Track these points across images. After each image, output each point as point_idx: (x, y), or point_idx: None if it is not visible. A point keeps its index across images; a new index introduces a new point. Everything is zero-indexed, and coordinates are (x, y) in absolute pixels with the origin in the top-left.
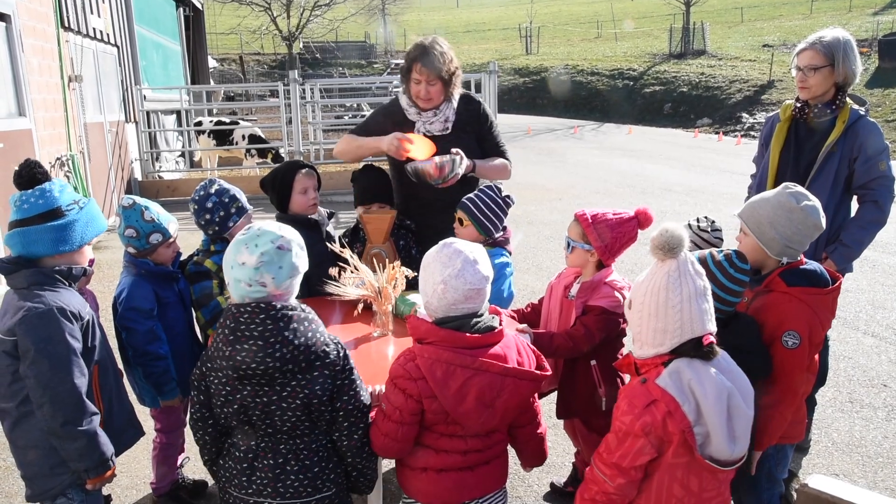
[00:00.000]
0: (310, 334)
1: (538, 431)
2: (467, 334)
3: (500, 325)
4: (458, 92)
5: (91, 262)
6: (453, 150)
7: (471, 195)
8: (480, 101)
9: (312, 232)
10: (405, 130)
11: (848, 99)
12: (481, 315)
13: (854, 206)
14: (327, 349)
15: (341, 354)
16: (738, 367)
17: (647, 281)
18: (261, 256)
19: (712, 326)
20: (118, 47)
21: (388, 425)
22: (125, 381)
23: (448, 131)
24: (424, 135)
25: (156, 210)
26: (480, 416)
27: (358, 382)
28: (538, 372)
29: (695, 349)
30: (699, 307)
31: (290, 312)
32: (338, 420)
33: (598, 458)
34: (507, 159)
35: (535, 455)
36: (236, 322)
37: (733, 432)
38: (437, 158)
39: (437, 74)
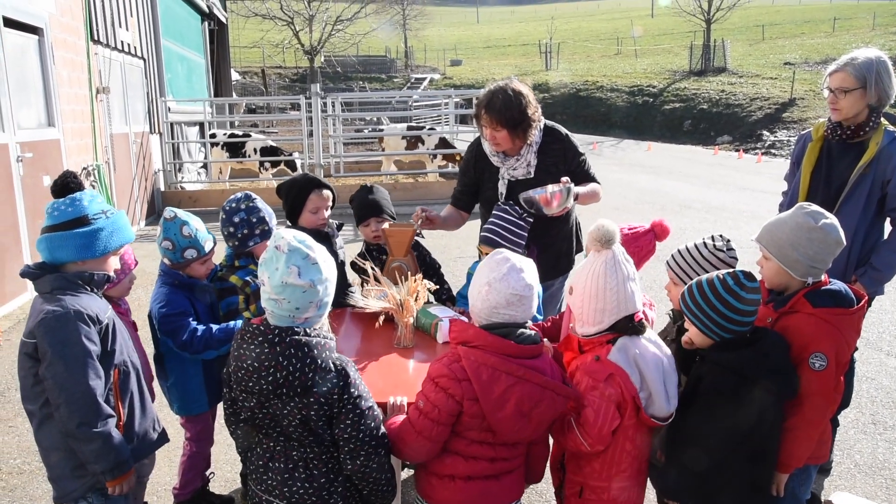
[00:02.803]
0: (308, 360)
1: (546, 450)
2: (513, 342)
3: (542, 341)
4: (536, 134)
5: (129, 267)
6: (564, 178)
7: (489, 226)
8: (566, 136)
9: (323, 244)
10: (490, 176)
11: (883, 119)
12: (525, 327)
13: (888, 228)
14: (326, 377)
15: (340, 384)
16: (659, 339)
17: (586, 269)
18: (265, 253)
19: (640, 306)
20: (145, 60)
21: (423, 423)
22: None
23: (531, 175)
24: (510, 181)
25: (195, 226)
26: (516, 424)
27: (361, 412)
28: (572, 390)
29: (629, 325)
30: (630, 289)
31: (289, 338)
32: (339, 444)
33: (583, 432)
34: (597, 182)
35: (538, 472)
36: (242, 339)
37: (667, 393)
38: (550, 187)
39: (499, 122)
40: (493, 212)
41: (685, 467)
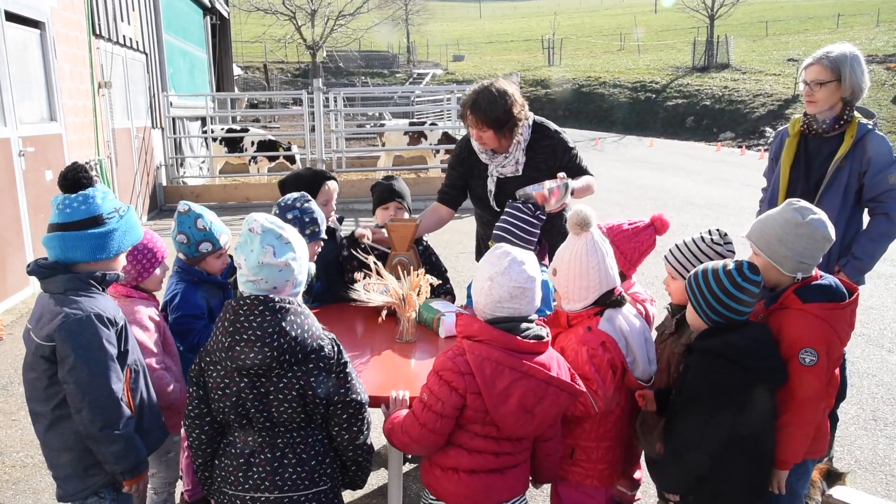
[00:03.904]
0: (305, 327)
1: (558, 447)
2: (518, 338)
3: (547, 336)
4: (523, 133)
5: (160, 258)
6: (561, 174)
7: (501, 224)
8: (556, 132)
9: (330, 240)
10: (480, 173)
11: (856, 113)
12: (531, 321)
13: (866, 218)
14: (322, 343)
15: (335, 349)
16: (635, 310)
17: (568, 251)
18: (240, 238)
19: (619, 281)
20: (146, 54)
21: (427, 415)
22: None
23: (519, 173)
24: (498, 178)
25: (210, 219)
26: (519, 419)
27: (353, 377)
28: (577, 386)
29: (611, 299)
30: (609, 266)
31: (287, 306)
32: (336, 413)
33: (594, 395)
34: (590, 174)
35: (550, 470)
36: (235, 315)
37: (648, 357)
38: (548, 184)
39: (484, 122)
40: (506, 210)
41: (683, 464)
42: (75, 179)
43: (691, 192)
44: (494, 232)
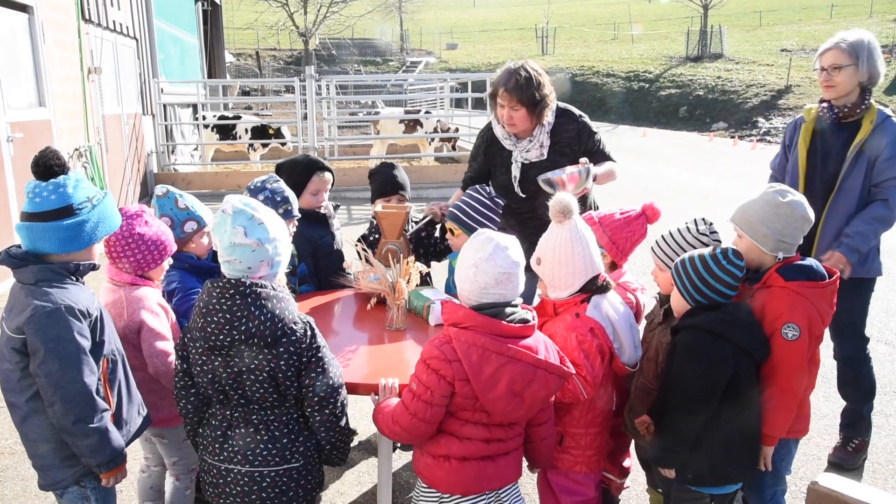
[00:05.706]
0: (277, 311)
1: (552, 432)
2: (503, 322)
3: (533, 320)
4: (550, 115)
5: (168, 251)
6: (583, 160)
7: (457, 202)
8: (579, 116)
9: (320, 225)
10: (503, 160)
11: (873, 101)
12: (515, 306)
13: None
14: (294, 327)
15: (308, 333)
16: (619, 297)
17: (552, 240)
18: (215, 218)
19: (603, 267)
20: (137, 40)
21: (416, 405)
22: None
23: (544, 157)
24: (523, 164)
25: (189, 199)
26: (508, 404)
27: (327, 361)
28: (566, 368)
29: (596, 286)
30: (593, 253)
31: (259, 290)
32: (308, 396)
33: (582, 381)
34: (613, 160)
35: (545, 454)
36: (209, 296)
37: (634, 343)
38: (569, 169)
39: (519, 100)
40: (465, 192)
41: (676, 438)
42: (47, 167)
43: (683, 183)
44: (449, 210)
